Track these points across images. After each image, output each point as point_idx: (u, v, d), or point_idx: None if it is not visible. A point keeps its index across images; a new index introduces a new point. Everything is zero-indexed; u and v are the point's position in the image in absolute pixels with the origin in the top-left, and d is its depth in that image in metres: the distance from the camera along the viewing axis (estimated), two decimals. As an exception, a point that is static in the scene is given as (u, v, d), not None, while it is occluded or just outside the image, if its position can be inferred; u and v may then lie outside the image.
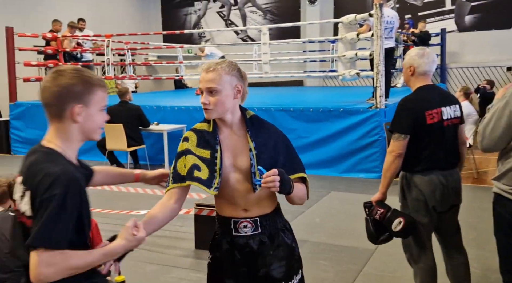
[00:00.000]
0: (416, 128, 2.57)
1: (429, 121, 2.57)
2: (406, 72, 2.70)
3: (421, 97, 2.64)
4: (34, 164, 1.47)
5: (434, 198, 2.63)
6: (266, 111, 7.00)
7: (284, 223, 2.01)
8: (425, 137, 2.59)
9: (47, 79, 1.51)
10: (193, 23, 15.74)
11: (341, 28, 6.85)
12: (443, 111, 2.61)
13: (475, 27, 11.28)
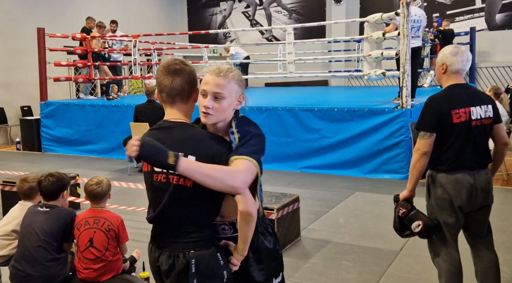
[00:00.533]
0: (441, 126, 2.55)
1: (456, 120, 2.55)
2: (438, 70, 2.67)
3: (449, 96, 2.62)
4: (194, 134, 1.79)
5: (460, 197, 2.59)
6: (290, 111, 7.00)
7: (265, 226, 1.98)
8: (451, 136, 2.56)
9: (177, 69, 1.79)
10: (218, 23, 15.84)
11: (366, 28, 6.77)
12: (472, 111, 2.58)
13: (506, 26, 10.96)
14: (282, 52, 12.24)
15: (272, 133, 7.19)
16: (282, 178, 6.57)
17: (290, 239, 4.13)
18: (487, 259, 2.80)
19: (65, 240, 2.84)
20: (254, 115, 7.31)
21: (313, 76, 8.11)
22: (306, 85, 13.34)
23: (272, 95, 10.20)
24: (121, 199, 5.53)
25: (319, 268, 3.68)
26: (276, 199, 4.10)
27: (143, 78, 10.57)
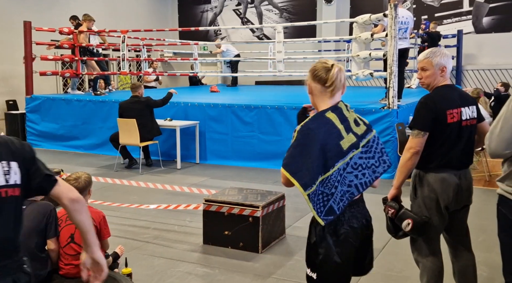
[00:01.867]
0: (436, 126, 2.57)
1: (450, 120, 2.58)
2: (436, 73, 2.65)
3: (444, 96, 2.63)
4: None
5: (447, 196, 2.63)
6: (279, 109, 7.02)
7: (314, 219, 2.05)
8: (443, 135, 2.59)
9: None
10: (209, 20, 15.80)
11: (355, 28, 6.81)
12: (462, 112, 2.63)
13: (493, 29, 11.11)
14: (272, 51, 12.27)
15: (261, 131, 7.20)
16: (269, 176, 6.59)
17: (275, 236, 4.15)
18: (466, 257, 2.85)
19: (49, 236, 2.80)
20: (243, 113, 7.32)
21: (303, 75, 8.12)
22: (296, 84, 13.36)
23: (262, 93, 10.21)
24: (106, 195, 5.51)
25: (302, 266, 3.68)
26: (261, 196, 4.12)
27: (131, 74, 10.51)
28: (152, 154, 7.52)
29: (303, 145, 1.93)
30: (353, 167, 1.98)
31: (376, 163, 2.03)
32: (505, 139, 1.99)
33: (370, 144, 2.03)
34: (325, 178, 1.93)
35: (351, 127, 2.01)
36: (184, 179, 6.53)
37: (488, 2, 11.09)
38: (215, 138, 7.59)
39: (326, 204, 1.93)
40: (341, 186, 1.95)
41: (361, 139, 2.01)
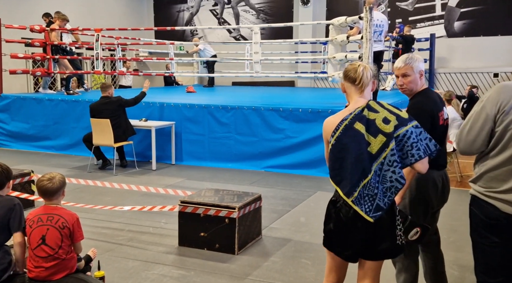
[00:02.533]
0: (432, 128, 2.54)
1: (441, 122, 2.67)
2: (417, 77, 2.67)
3: (432, 99, 2.68)
4: None
5: (435, 196, 2.70)
6: (256, 110, 7.01)
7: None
8: (435, 137, 2.45)
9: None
10: (185, 20, 15.69)
11: (331, 30, 6.87)
12: (444, 112, 2.73)
13: (463, 33, 11.39)
14: (249, 52, 12.27)
15: (237, 132, 7.18)
16: (246, 177, 6.57)
17: (251, 237, 4.14)
18: (436, 256, 2.92)
19: (13, 229, 2.74)
20: (220, 114, 7.29)
21: (279, 76, 8.16)
22: (272, 85, 13.41)
23: (239, 94, 10.19)
24: (79, 196, 5.38)
25: (279, 267, 3.71)
26: (238, 197, 4.10)
27: (105, 73, 10.32)
28: (126, 155, 7.40)
29: (341, 159, 2.20)
30: (388, 164, 2.16)
31: (403, 156, 2.18)
32: (472, 140, 2.09)
33: (400, 138, 2.17)
34: (366, 183, 2.17)
35: (380, 128, 2.17)
36: (160, 180, 6.45)
37: (459, 7, 11.37)
38: (191, 139, 7.53)
39: (372, 203, 2.17)
40: (382, 185, 2.17)
41: (391, 137, 2.15)
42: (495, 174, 2.05)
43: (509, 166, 2.00)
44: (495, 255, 2.13)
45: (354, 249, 2.28)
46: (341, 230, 2.28)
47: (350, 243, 2.27)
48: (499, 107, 1.99)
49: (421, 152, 2.17)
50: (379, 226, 2.22)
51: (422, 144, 2.18)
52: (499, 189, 2.04)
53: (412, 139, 2.17)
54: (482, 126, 2.05)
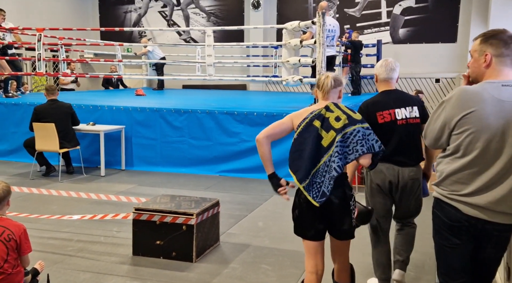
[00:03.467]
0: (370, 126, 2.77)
1: (380, 120, 2.99)
2: (375, 80, 3.18)
3: (376, 101, 3.08)
4: None
5: (384, 186, 3.07)
6: (210, 114, 6.91)
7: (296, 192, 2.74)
8: (380, 134, 2.78)
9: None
10: (133, 21, 15.28)
11: (285, 34, 6.90)
12: (396, 112, 3.00)
13: (408, 40, 11.89)
14: (200, 54, 12.13)
15: (191, 136, 7.03)
16: (201, 182, 6.45)
17: (209, 244, 4.04)
18: (408, 228, 3.34)
19: None
20: (172, 117, 7.11)
21: (233, 79, 8.10)
22: (224, 88, 13.32)
23: (191, 98, 10.02)
24: (22, 206, 5.04)
25: (239, 273, 3.64)
26: (195, 203, 3.99)
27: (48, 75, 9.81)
28: (73, 161, 7.05)
29: (300, 151, 2.55)
30: (333, 156, 2.49)
31: (349, 151, 2.50)
32: (433, 137, 2.18)
33: (347, 135, 2.49)
34: (315, 171, 2.51)
35: (332, 125, 2.51)
36: (110, 187, 6.19)
37: (403, 14, 11.86)
38: (142, 143, 7.29)
39: (319, 190, 2.50)
40: (328, 174, 2.49)
41: (340, 132, 2.49)
42: (457, 177, 2.09)
43: (470, 170, 2.05)
44: (456, 257, 2.18)
45: (314, 229, 2.64)
46: (302, 214, 2.64)
47: (311, 224, 2.64)
48: (459, 111, 2.03)
49: (364, 148, 2.48)
50: (333, 211, 2.61)
51: (368, 143, 2.50)
52: (462, 192, 2.09)
53: (358, 137, 2.49)
54: (442, 127, 2.12)
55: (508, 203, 2.02)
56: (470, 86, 2.09)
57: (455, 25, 11.43)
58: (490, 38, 2.03)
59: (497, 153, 2.00)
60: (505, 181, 2.00)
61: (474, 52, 2.11)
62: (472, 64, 2.14)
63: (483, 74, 2.08)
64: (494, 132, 1.98)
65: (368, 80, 11.97)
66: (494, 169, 2.01)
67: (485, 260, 2.19)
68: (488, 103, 1.98)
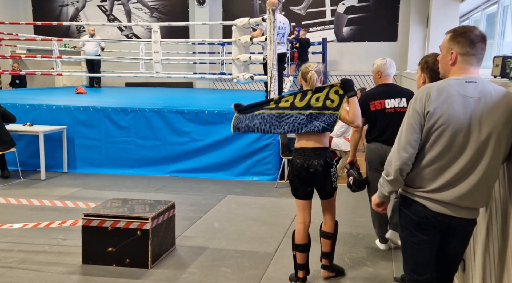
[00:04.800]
0: (364, 113, 3.49)
1: (372, 108, 3.70)
2: (375, 76, 3.82)
3: (371, 92, 3.81)
4: None
5: (374, 159, 3.74)
6: (158, 112, 6.67)
7: None
8: (371, 119, 3.73)
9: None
10: (70, 15, 14.52)
11: (234, 31, 6.79)
12: (386, 102, 3.68)
13: (351, 39, 12.19)
14: (144, 51, 11.73)
15: (138, 136, 6.76)
16: (150, 184, 6.21)
17: (165, 248, 3.87)
18: None
19: None
20: (118, 117, 6.80)
21: (182, 77, 7.88)
22: (170, 86, 13.00)
23: (136, 96, 9.65)
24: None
25: (198, 278, 3.51)
26: (150, 207, 3.80)
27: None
28: (8, 164, 6.55)
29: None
30: (277, 117, 3.24)
31: (306, 123, 3.20)
32: (408, 139, 2.11)
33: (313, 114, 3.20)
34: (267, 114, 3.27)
35: (309, 101, 3.21)
36: (51, 191, 5.80)
37: (346, 13, 12.14)
38: (86, 144, 6.91)
39: (243, 123, 3.30)
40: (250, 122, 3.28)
41: (309, 108, 3.21)
42: (424, 174, 2.10)
43: (436, 165, 2.07)
44: (423, 253, 2.20)
45: (303, 190, 3.30)
46: (294, 179, 3.31)
47: (301, 187, 3.29)
48: (425, 107, 2.04)
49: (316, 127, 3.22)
50: (317, 176, 3.25)
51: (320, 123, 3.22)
52: (428, 188, 2.10)
53: (318, 119, 3.21)
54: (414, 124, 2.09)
55: (472, 198, 2.06)
56: (435, 83, 2.11)
57: (395, 24, 11.86)
58: (458, 36, 2.05)
59: (462, 148, 2.02)
60: (469, 176, 2.03)
61: (442, 47, 2.13)
62: (441, 60, 2.16)
63: (449, 71, 2.10)
64: (459, 127, 2.00)
65: (314, 77, 12.13)
66: (459, 164, 2.03)
67: (450, 254, 2.23)
68: (454, 98, 2.00)
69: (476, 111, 1.99)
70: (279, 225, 4.63)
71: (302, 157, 3.26)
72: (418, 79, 2.78)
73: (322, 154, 3.23)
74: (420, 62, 2.78)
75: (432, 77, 2.65)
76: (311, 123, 3.18)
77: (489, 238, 2.36)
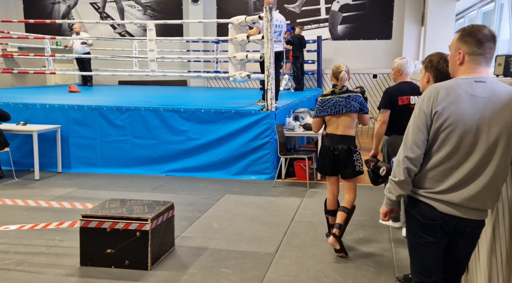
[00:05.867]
0: (392, 106, 4.02)
1: (400, 103, 4.04)
2: (396, 73, 4.17)
3: (397, 87, 4.13)
4: None
5: (391, 150, 4.06)
6: (154, 111, 6.61)
7: None
8: (396, 113, 4.02)
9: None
10: (61, 13, 14.34)
11: (231, 29, 6.74)
12: (411, 98, 4.06)
13: (346, 37, 12.16)
14: (137, 49, 11.62)
15: (134, 135, 6.70)
16: (147, 183, 6.15)
17: (164, 249, 3.83)
18: None
19: None
20: (114, 116, 6.73)
21: (178, 75, 7.82)
22: (164, 84, 12.90)
23: (131, 94, 9.56)
24: None
25: (198, 279, 3.47)
26: (149, 208, 3.75)
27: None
28: (2, 164, 6.46)
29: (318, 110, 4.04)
30: (320, 103, 4.01)
31: (345, 104, 3.91)
32: (414, 141, 2.09)
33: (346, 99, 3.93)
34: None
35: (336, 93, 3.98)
36: (46, 191, 5.73)
37: (341, 11, 12.11)
38: (80, 144, 6.84)
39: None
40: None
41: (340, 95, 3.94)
42: (431, 175, 2.08)
43: (445, 166, 2.04)
44: (430, 255, 2.17)
45: (330, 168, 3.97)
46: (323, 158, 4.00)
47: (328, 165, 3.97)
48: (434, 107, 2.02)
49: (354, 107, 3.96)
50: (340, 158, 3.90)
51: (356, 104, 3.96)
52: (436, 190, 2.08)
53: (354, 100, 3.95)
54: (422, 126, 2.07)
55: (481, 199, 2.04)
56: (443, 82, 2.08)
57: (389, 22, 11.85)
58: (466, 36, 2.03)
59: (471, 149, 2.00)
60: (478, 177, 2.01)
61: (451, 47, 2.11)
62: (450, 59, 2.15)
63: (458, 70, 2.08)
64: (468, 128, 1.98)
65: (310, 76, 12.11)
66: (468, 165, 2.01)
67: (457, 256, 2.21)
68: (463, 98, 1.98)
69: (485, 111, 1.97)
70: (278, 225, 4.60)
71: (330, 141, 3.95)
72: (422, 78, 2.74)
73: (347, 141, 3.90)
74: (424, 61, 2.75)
75: (437, 76, 2.63)
76: (350, 103, 3.87)
77: (495, 239, 2.34)
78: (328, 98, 3.93)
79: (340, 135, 3.89)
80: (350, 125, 3.91)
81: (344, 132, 3.89)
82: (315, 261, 3.78)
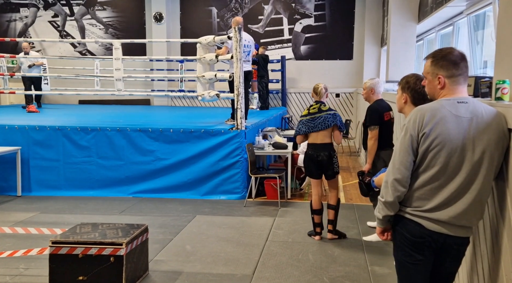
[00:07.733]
0: (380, 122, 4.42)
1: (386, 118, 4.46)
2: (368, 93, 4.57)
3: (379, 105, 4.50)
4: None
5: (379, 164, 4.33)
6: (121, 131, 6.45)
7: None
8: (384, 128, 4.44)
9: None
10: (18, 31, 13.89)
11: (199, 49, 6.74)
12: (391, 113, 4.51)
13: (309, 57, 12.42)
14: (99, 68, 11.39)
15: (100, 156, 6.50)
16: (114, 206, 5.95)
17: (138, 275, 3.70)
18: None
19: None
20: (78, 136, 6.52)
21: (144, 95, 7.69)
22: (126, 103, 12.66)
23: (94, 114, 9.30)
24: None
25: (176, 304, 3.36)
26: (122, 231, 3.63)
27: None
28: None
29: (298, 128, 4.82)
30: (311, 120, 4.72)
31: (332, 119, 4.68)
32: (402, 163, 2.15)
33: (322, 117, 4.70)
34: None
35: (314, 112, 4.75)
36: (6, 217, 5.43)
37: (304, 32, 12.38)
38: (42, 166, 6.56)
39: None
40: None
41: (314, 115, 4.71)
42: (419, 194, 2.12)
43: (432, 185, 2.09)
44: (419, 273, 2.19)
45: (315, 172, 4.73)
46: (309, 164, 4.75)
47: (313, 169, 4.72)
48: (421, 129, 2.08)
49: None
50: (322, 163, 4.67)
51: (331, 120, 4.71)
52: (424, 208, 2.12)
53: (328, 119, 4.70)
54: (408, 147, 2.12)
55: (468, 217, 2.09)
56: (427, 104, 2.14)
57: (350, 43, 12.23)
58: (440, 60, 2.11)
59: (457, 168, 2.06)
60: (464, 195, 2.07)
61: (427, 74, 2.17)
62: (428, 85, 2.20)
63: (439, 94, 2.15)
64: (455, 147, 2.04)
65: (274, 94, 12.24)
66: (455, 183, 2.07)
67: (444, 274, 2.24)
68: (448, 119, 2.05)
69: (469, 131, 2.04)
70: (253, 246, 4.56)
71: (313, 150, 4.69)
72: (399, 99, 2.79)
73: (327, 148, 4.67)
74: (401, 82, 2.82)
75: (414, 97, 2.71)
76: (325, 123, 4.63)
77: (476, 257, 2.40)
78: (308, 118, 4.69)
79: (320, 144, 4.67)
80: (328, 135, 4.69)
81: (323, 141, 4.67)
82: (293, 281, 3.75)
